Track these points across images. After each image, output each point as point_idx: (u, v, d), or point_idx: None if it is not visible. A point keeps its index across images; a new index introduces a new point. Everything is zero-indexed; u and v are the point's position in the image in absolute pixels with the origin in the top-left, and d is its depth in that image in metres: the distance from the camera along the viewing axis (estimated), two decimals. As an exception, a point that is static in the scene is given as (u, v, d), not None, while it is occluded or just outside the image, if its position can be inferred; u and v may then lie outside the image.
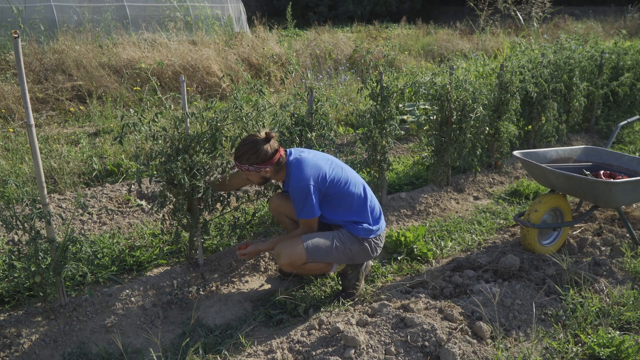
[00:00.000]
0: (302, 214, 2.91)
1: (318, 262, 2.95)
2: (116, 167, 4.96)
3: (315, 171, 2.89)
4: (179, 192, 3.02)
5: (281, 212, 3.30)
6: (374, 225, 3.04)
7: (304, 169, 2.89)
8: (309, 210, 2.88)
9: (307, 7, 24.33)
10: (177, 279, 3.22)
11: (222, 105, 6.98)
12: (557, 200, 3.61)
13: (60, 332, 2.71)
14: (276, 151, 2.89)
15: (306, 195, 2.85)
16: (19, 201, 4.14)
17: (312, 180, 2.86)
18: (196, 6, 12.00)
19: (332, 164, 3.01)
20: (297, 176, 2.87)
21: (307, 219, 2.93)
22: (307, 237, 2.92)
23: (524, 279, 3.14)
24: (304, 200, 2.86)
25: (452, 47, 12.40)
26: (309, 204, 2.87)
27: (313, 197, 2.86)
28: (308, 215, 2.91)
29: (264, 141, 2.85)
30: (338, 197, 2.96)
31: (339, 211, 2.99)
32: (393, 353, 2.34)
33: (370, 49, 6.05)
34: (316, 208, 2.90)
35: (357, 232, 2.98)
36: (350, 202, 2.98)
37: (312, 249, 2.89)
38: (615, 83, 6.99)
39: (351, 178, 3.03)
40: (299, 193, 2.86)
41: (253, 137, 2.88)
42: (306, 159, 2.94)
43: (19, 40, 2.35)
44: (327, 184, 2.91)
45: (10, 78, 7.27)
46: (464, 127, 4.58)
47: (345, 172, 3.03)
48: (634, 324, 2.73)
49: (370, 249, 3.03)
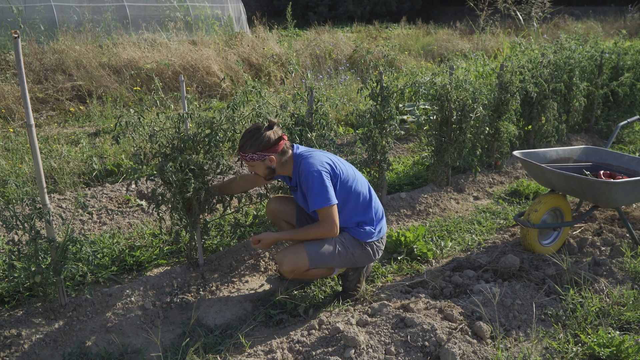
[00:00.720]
0: (320, 201, 2.73)
1: (320, 268, 2.94)
2: (116, 167, 4.96)
3: (327, 160, 2.85)
4: (175, 191, 3.02)
5: (278, 217, 3.25)
6: (376, 226, 3.01)
7: (314, 156, 2.84)
8: (326, 196, 2.72)
9: (307, 7, 24.34)
10: (177, 279, 3.22)
11: (221, 105, 6.98)
12: (557, 200, 3.61)
13: (60, 332, 2.71)
14: (280, 138, 2.82)
15: (321, 180, 2.73)
16: (18, 201, 4.14)
17: (326, 166, 2.80)
18: (196, 6, 12.00)
19: (339, 161, 2.97)
20: (309, 163, 2.79)
21: (326, 207, 2.74)
22: (309, 243, 2.88)
23: (524, 279, 3.14)
24: (320, 185, 2.72)
25: (452, 47, 12.40)
26: (325, 189, 2.72)
27: (327, 183, 2.74)
28: (327, 202, 2.73)
29: (266, 128, 2.81)
30: (344, 195, 2.89)
31: (344, 211, 2.91)
32: (393, 353, 2.34)
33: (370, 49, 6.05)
34: (332, 194, 2.74)
35: (360, 235, 2.95)
36: (355, 201, 2.93)
37: (314, 256, 2.86)
38: (615, 83, 6.99)
39: (357, 177, 2.99)
40: (312, 179, 2.74)
41: (256, 125, 2.85)
42: (315, 152, 2.92)
43: (19, 40, 2.35)
44: (338, 179, 2.84)
45: (10, 78, 7.28)
46: (464, 127, 4.58)
47: (351, 170, 2.99)
48: (634, 324, 2.73)
49: (372, 253, 3.01)
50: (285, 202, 3.24)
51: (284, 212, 3.22)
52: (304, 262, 2.86)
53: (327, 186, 2.74)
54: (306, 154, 2.89)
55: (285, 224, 3.27)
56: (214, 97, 8.17)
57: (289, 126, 3.49)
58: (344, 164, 2.98)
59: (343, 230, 2.96)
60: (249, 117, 3.18)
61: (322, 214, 2.79)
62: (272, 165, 2.86)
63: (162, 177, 2.93)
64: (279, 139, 2.83)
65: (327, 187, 2.74)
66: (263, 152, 2.80)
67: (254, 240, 2.93)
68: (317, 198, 2.74)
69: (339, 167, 2.88)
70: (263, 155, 2.80)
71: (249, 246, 3.58)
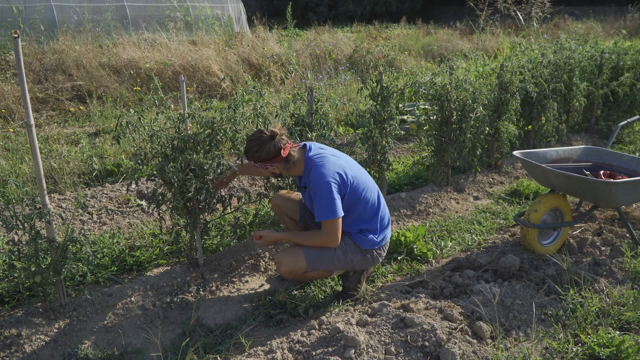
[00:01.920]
0: (325, 214, 2.72)
1: (318, 270, 2.95)
2: (116, 167, 4.96)
3: (339, 169, 2.78)
4: (176, 191, 3.02)
5: (283, 212, 3.27)
6: (380, 235, 2.96)
7: (326, 165, 2.77)
8: (332, 209, 2.70)
9: (307, 7, 24.34)
10: (177, 279, 3.22)
11: (221, 105, 6.98)
12: (557, 200, 3.61)
13: (60, 332, 2.71)
14: (280, 149, 2.77)
15: (329, 192, 2.70)
16: (18, 201, 4.14)
17: (336, 177, 2.74)
18: (196, 6, 12.00)
19: (351, 165, 2.90)
20: (320, 173, 2.74)
21: (331, 220, 2.73)
22: (308, 247, 2.89)
23: (524, 279, 3.14)
24: (326, 197, 2.70)
25: (452, 47, 12.40)
26: (332, 202, 2.70)
27: (335, 195, 2.72)
28: (332, 215, 2.71)
29: (268, 139, 2.76)
30: (352, 203, 2.84)
31: (350, 217, 2.87)
32: (393, 353, 2.34)
33: (370, 49, 6.06)
34: (339, 207, 2.72)
35: (361, 242, 2.93)
36: (363, 209, 2.89)
37: (312, 259, 2.87)
38: (615, 83, 6.99)
39: (368, 184, 2.93)
40: (321, 190, 2.72)
41: (258, 134, 2.80)
42: (328, 156, 2.84)
43: (19, 40, 2.35)
44: (347, 188, 2.79)
45: (10, 78, 7.28)
46: (464, 127, 4.58)
47: (362, 176, 2.92)
48: (634, 324, 2.73)
49: (372, 259, 3.00)
50: (290, 199, 3.24)
51: (288, 208, 3.22)
52: (302, 264, 2.87)
53: (334, 198, 2.71)
54: (318, 160, 2.81)
55: (289, 220, 3.27)
56: (214, 97, 8.17)
57: (289, 126, 3.49)
58: (355, 170, 2.91)
59: (345, 235, 2.93)
60: (250, 117, 3.18)
61: (325, 226, 2.78)
62: (275, 171, 2.88)
63: (163, 177, 2.93)
64: (280, 150, 2.77)
65: (334, 199, 2.71)
66: (264, 163, 2.80)
67: (255, 235, 2.95)
68: (323, 210, 2.73)
69: (349, 175, 2.81)
70: (264, 165, 2.81)
71: (249, 246, 3.59)
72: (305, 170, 2.87)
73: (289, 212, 3.23)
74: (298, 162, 2.87)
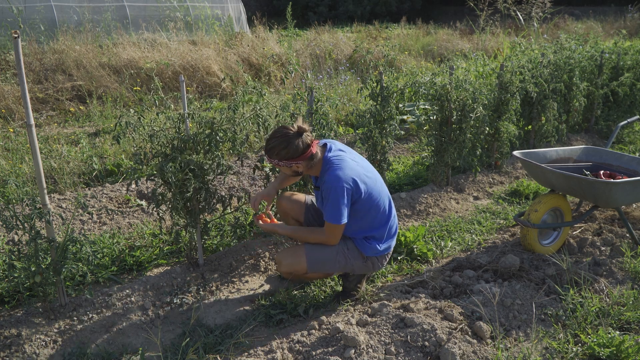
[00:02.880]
0: (331, 217, 2.71)
1: (318, 272, 2.95)
2: (116, 167, 4.96)
3: (355, 176, 2.71)
4: (175, 192, 3.02)
5: (288, 214, 3.23)
6: (384, 243, 2.94)
7: (344, 168, 2.70)
8: (338, 215, 2.68)
9: (307, 7, 24.34)
10: (177, 279, 3.22)
11: (221, 105, 6.98)
12: (557, 200, 3.61)
13: (60, 332, 2.71)
14: (308, 146, 2.68)
15: (341, 198, 2.65)
16: (18, 201, 4.14)
17: (350, 182, 2.68)
18: (196, 6, 12.00)
19: (368, 173, 2.84)
20: (335, 176, 2.67)
21: (334, 224, 2.72)
22: (310, 248, 2.88)
23: (524, 279, 3.14)
24: (336, 201, 2.66)
25: (452, 47, 12.40)
26: (340, 208, 2.66)
27: (346, 201, 2.66)
28: (337, 220, 2.69)
29: (295, 135, 2.65)
30: (364, 210, 2.80)
31: (359, 224, 2.85)
32: (393, 353, 2.35)
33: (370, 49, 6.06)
34: (345, 215, 2.69)
35: (364, 248, 2.91)
36: (373, 217, 2.85)
37: (313, 261, 2.86)
38: (615, 83, 6.99)
39: (382, 192, 2.88)
40: (333, 194, 2.66)
41: (284, 131, 2.68)
42: (347, 159, 2.76)
43: (19, 40, 2.35)
44: (360, 196, 2.73)
45: (10, 78, 7.28)
46: (464, 127, 4.58)
47: (378, 184, 2.87)
48: (634, 324, 2.73)
49: (372, 266, 2.98)
50: (295, 201, 3.22)
51: (294, 211, 3.20)
52: (302, 266, 2.87)
53: (344, 204, 2.67)
54: (336, 163, 2.73)
55: (294, 222, 3.24)
56: (214, 97, 8.17)
57: (289, 126, 3.49)
58: (372, 178, 2.84)
59: (349, 239, 2.92)
60: (250, 117, 3.18)
61: (328, 228, 2.78)
62: (298, 170, 2.79)
63: (162, 177, 2.93)
64: (307, 147, 2.68)
65: (343, 205, 2.67)
66: (290, 161, 2.69)
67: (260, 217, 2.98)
68: (330, 213, 2.71)
69: (363, 183, 2.74)
70: (290, 163, 2.71)
71: (249, 246, 3.59)
72: (322, 171, 2.79)
73: (294, 213, 3.21)
74: (317, 163, 2.77)
